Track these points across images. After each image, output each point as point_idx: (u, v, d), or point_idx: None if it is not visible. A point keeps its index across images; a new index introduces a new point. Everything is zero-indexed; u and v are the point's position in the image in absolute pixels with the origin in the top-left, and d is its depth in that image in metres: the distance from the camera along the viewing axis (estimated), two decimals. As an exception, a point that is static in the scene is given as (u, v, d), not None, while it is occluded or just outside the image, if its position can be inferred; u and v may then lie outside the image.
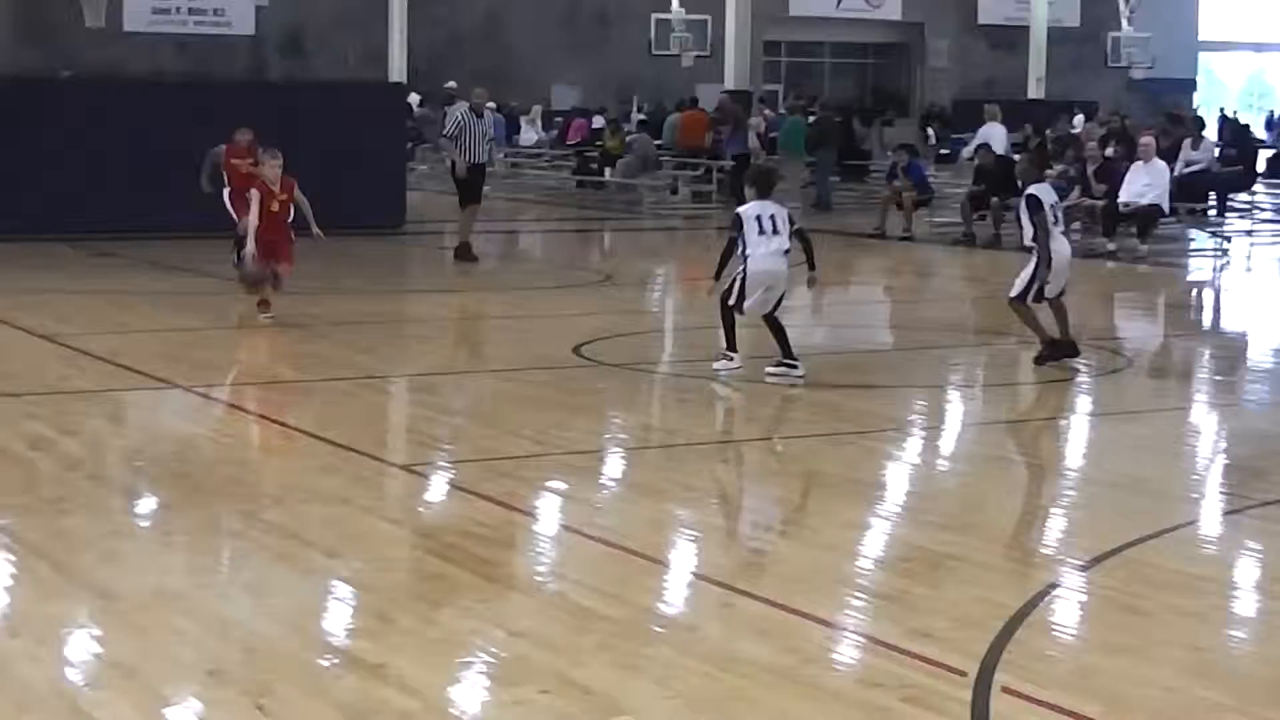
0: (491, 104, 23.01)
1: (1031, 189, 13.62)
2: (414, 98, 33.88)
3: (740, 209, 12.84)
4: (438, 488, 10.21)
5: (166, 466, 10.51)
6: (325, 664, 6.60)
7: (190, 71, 34.33)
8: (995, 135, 27.25)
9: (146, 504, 9.64)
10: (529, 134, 38.02)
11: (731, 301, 12.46)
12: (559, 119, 38.17)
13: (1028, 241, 13.50)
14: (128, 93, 25.91)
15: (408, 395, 13.84)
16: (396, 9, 31.76)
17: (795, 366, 12.55)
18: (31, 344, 14.67)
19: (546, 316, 17.63)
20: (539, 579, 8.21)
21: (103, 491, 9.49)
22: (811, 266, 13.28)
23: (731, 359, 12.85)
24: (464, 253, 21.36)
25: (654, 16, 38.16)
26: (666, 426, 12.74)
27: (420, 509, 9.79)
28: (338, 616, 7.36)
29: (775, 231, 12.61)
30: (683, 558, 8.60)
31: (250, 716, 5.96)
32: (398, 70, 31.04)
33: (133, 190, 21.77)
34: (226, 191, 16.24)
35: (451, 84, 33.56)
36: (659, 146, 32.71)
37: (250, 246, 13.29)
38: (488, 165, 22.84)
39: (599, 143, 34.34)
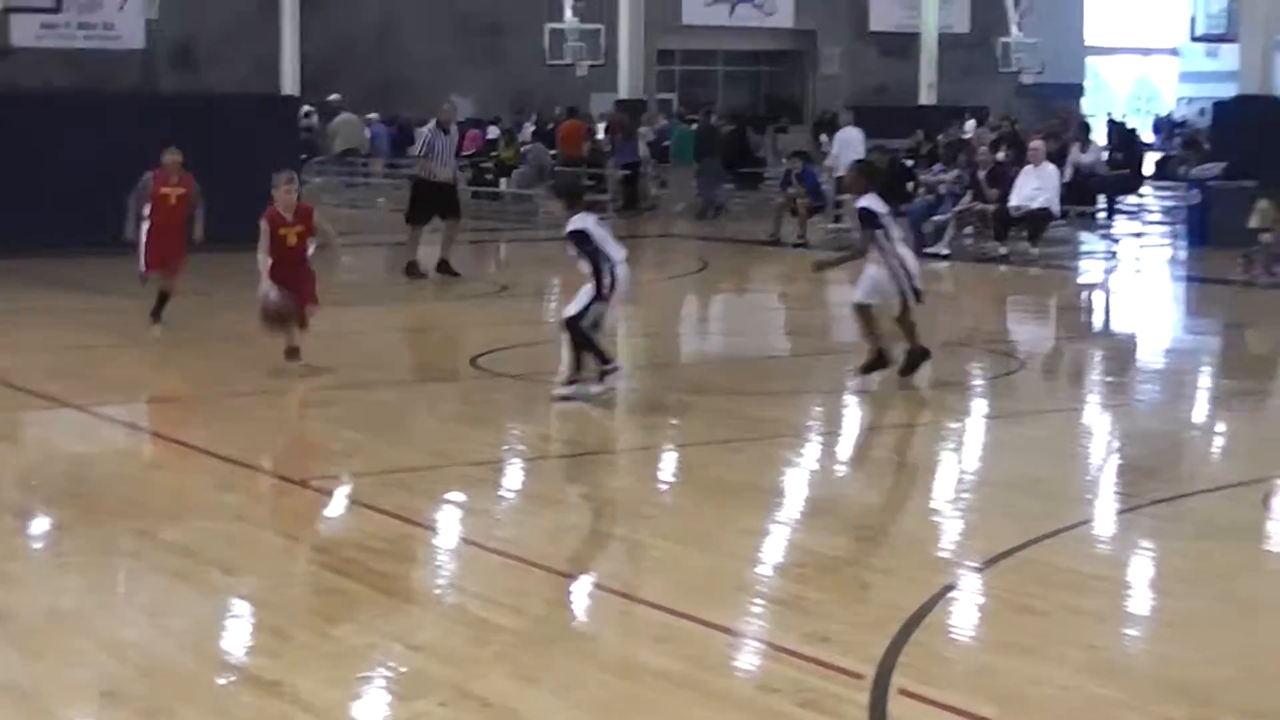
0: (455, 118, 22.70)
1: (862, 201, 13.40)
2: (306, 109, 33.97)
3: (582, 225, 12.43)
4: (335, 503, 10.16)
5: (60, 486, 10.41)
6: (223, 682, 6.58)
7: (80, 86, 34.03)
8: (852, 140, 27.55)
9: (39, 524, 9.57)
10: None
11: (586, 322, 12.09)
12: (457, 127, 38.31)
13: (868, 253, 13.38)
14: (18, 106, 25.90)
15: (303, 410, 13.85)
16: (288, 21, 31.66)
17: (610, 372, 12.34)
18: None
19: (444, 328, 17.63)
20: (437, 592, 8.24)
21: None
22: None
23: (615, 368, 12.60)
24: (414, 270, 21.33)
25: (547, 27, 38.35)
26: (564, 437, 12.76)
27: (318, 524, 9.81)
28: (235, 634, 7.32)
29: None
30: (581, 567, 8.65)
31: (147, 737, 5.79)
32: (290, 82, 30.89)
33: (24, 206, 21.76)
34: (145, 227, 14.41)
35: (335, 96, 33.49)
36: (553, 156, 32.89)
37: (266, 284, 11.37)
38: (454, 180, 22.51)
39: (494, 153, 34.54)
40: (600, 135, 34.18)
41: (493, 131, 35.38)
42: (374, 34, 40.16)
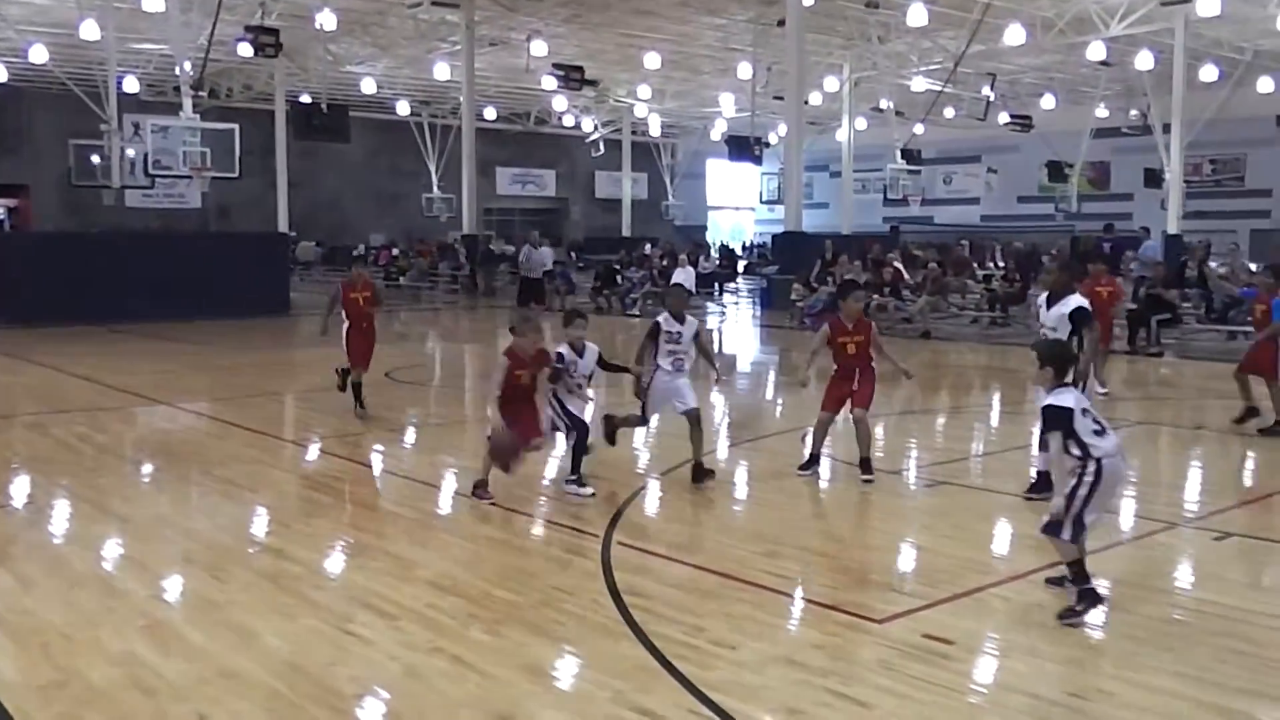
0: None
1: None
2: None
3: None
4: (311, 452, 10.26)
5: (157, 446, 10.47)
6: (251, 551, 6.92)
7: (166, 228, 37.16)
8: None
9: (146, 468, 9.57)
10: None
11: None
12: (374, 250, 42.00)
13: None
14: (130, 239, 27.46)
15: (295, 404, 13.79)
16: (281, 194, 32.61)
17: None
18: None
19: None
20: (370, 500, 8.47)
21: None
22: None
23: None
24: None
25: (424, 195, 43.02)
26: (431, 415, 12.77)
27: (302, 464, 9.78)
28: (257, 525, 7.55)
29: None
30: (453, 484, 8.80)
31: None
32: (283, 226, 31.81)
33: (138, 295, 22.68)
34: (345, 326, 11.76)
35: (293, 233, 35.83)
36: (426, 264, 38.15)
37: (496, 417, 7.69)
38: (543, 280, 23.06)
39: (397, 263, 38.80)
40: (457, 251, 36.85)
41: (395, 251, 40.24)
42: (328, 199, 43.69)
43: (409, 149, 43.40)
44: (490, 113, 41.99)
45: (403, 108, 41.07)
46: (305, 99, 33.39)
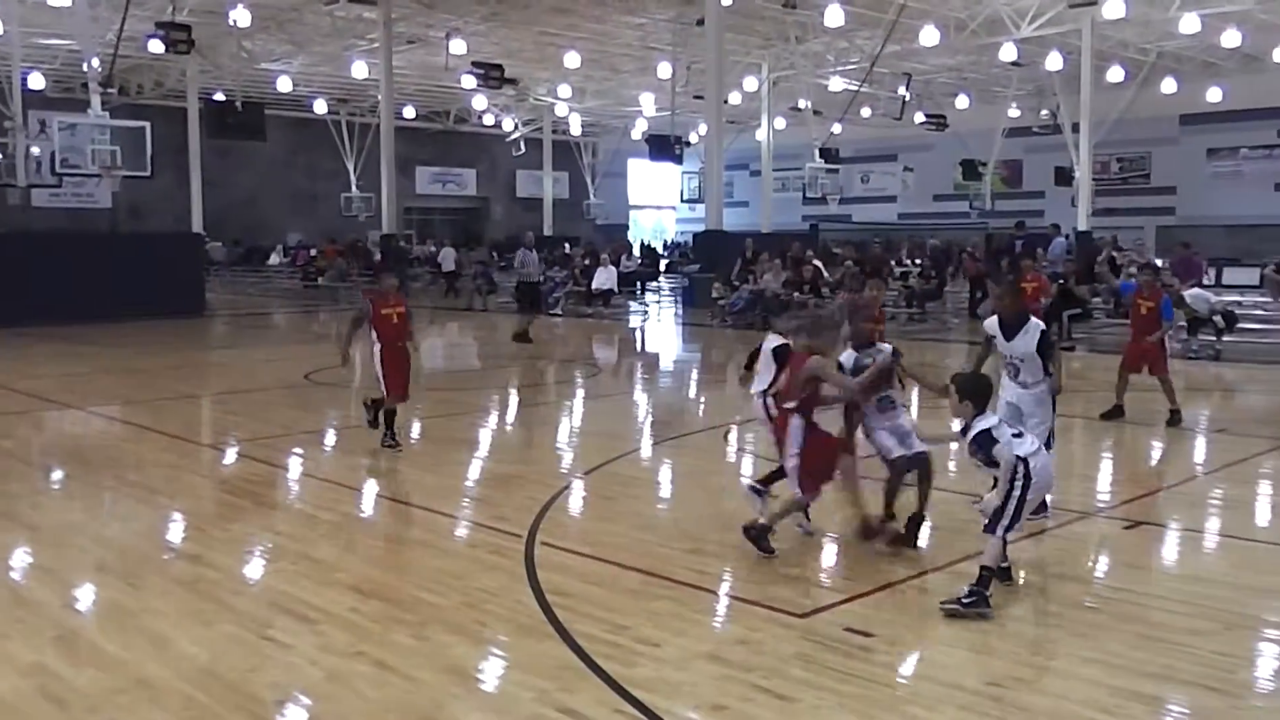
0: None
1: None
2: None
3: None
4: (229, 455, 10.19)
5: (68, 452, 10.27)
6: (167, 557, 6.81)
7: (75, 227, 36.17)
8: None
9: (56, 474, 9.35)
10: (274, 259, 41.30)
11: None
12: (292, 249, 41.35)
13: None
14: (38, 240, 27.20)
15: (211, 407, 13.58)
16: (195, 192, 31.97)
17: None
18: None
19: (290, 359, 17.27)
20: (287, 501, 8.40)
21: None
22: None
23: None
24: (523, 338, 19.40)
25: (343, 195, 42.69)
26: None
27: (219, 468, 9.73)
28: (174, 530, 7.44)
29: None
30: (371, 486, 8.85)
31: None
32: (196, 226, 31.20)
33: (42, 296, 22.25)
34: (376, 349, 9.94)
35: (203, 233, 34.52)
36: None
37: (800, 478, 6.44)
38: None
39: (315, 263, 37.89)
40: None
41: (313, 252, 39.04)
42: (244, 198, 42.35)
43: (327, 148, 42.91)
44: (409, 111, 41.62)
45: (320, 106, 40.53)
46: (219, 97, 32.80)
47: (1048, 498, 6.81)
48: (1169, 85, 35.11)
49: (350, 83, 36.54)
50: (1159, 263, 19.67)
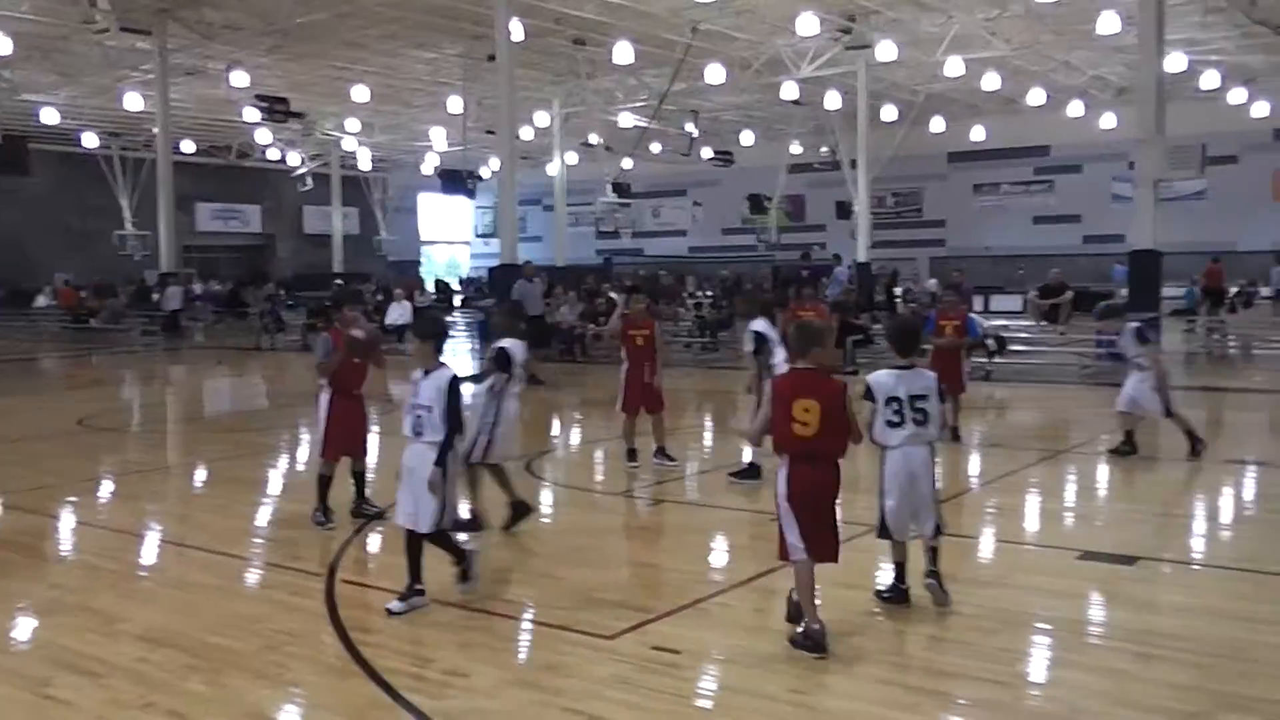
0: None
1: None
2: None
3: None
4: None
5: None
6: None
7: None
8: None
9: None
10: (41, 300, 39.01)
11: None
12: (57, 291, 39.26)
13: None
14: None
15: None
16: None
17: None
18: None
19: (60, 406, 16.57)
20: (64, 553, 7.99)
21: None
22: None
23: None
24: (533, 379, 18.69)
25: (116, 233, 40.74)
26: (135, 465, 12.23)
27: None
28: None
29: None
30: (156, 531, 8.55)
31: None
32: None
33: None
34: (624, 369, 10.31)
35: None
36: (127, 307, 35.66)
37: None
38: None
39: (86, 304, 36.15)
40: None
41: (85, 292, 37.04)
42: (7, 238, 39.93)
43: (98, 183, 40.65)
44: (188, 145, 39.94)
45: (90, 139, 38.47)
46: (-22, 129, 30.86)
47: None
48: (938, 124, 37.30)
49: (124, 115, 34.88)
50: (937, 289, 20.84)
